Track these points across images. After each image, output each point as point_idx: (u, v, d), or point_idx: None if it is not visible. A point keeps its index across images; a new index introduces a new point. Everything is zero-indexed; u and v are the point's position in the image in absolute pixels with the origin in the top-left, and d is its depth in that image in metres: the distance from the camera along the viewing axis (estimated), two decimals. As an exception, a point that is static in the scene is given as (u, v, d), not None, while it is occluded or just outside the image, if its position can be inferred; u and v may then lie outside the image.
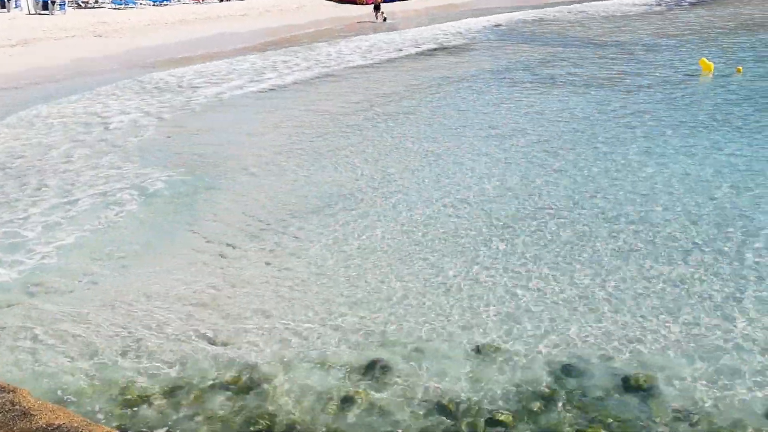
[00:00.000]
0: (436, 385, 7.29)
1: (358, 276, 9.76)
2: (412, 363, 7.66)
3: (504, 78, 25.47)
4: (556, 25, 43.46)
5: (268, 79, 25.72)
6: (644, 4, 56.50)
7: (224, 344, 8.09)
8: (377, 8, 46.83)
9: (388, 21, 45.99)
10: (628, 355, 7.77)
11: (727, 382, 7.24)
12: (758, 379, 7.29)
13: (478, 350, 7.90)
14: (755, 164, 14.37)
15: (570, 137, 16.81)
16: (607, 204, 12.31)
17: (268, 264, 10.21)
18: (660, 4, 56.29)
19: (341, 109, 20.51)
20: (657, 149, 15.59)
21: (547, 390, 7.19)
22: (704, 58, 26.16)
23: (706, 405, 6.92)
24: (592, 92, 22.37)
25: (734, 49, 30.88)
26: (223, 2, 53.28)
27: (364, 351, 7.92)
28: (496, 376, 7.43)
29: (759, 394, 7.04)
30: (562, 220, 11.67)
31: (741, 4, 52.71)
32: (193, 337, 8.23)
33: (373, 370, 7.54)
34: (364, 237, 11.11)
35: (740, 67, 25.27)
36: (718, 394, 7.06)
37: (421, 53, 32.47)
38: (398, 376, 7.43)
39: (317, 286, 9.50)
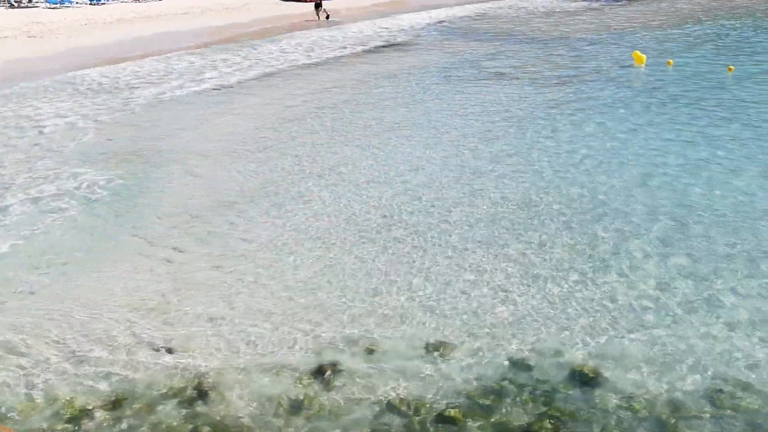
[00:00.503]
0: (388, 385, 7.27)
1: (308, 277, 9.66)
2: (363, 363, 7.62)
3: (449, 74, 25.62)
4: (498, 21, 44.04)
5: (210, 78, 25.30)
6: (582, 0, 57.72)
7: (171, 352, 7.89)
8: (318, 6, 46.42)
9: (331, 19, 45.79)
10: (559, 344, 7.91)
11: (664, 368, 7.44)
12: (694, 361, 7.52)
13: (429, 348, 7.92)
14: (672, 146, 15.05)
15: (503, 128, 17.01)
16: (543, 187, 12.49)
17: (215, 267, 10.01)
18: (598, 0, 57.58)
19: (285, 108, 20.31)
20: (582, 135, 15.98)
21: (497, 385, 7.25)
22: (637, 51, 26.97)
23: (649, 391, 7.09)
24: (533, 85, 22.69)
25: (667, 42, 31.83)
26: (163, 0, 52.16)
27: (316, 354, 7.85)
28: (445, 373, 7.46)
29: (698, 377, 7.26)
30: (497, 210, 11.75)
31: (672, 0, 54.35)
32: (139, 346, 8.00)
33: (324, 373, 7.47)
34: (312, 236, 11.01)
35: (671, 60, 26.07)
36: (658, 380, 7.25)
37: (366, 51, 32.43)
38: (350, 378, 7.38)
39: (265, 288, 9.37)
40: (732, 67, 24.26)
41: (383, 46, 33.46)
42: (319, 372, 7.48)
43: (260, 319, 8.57)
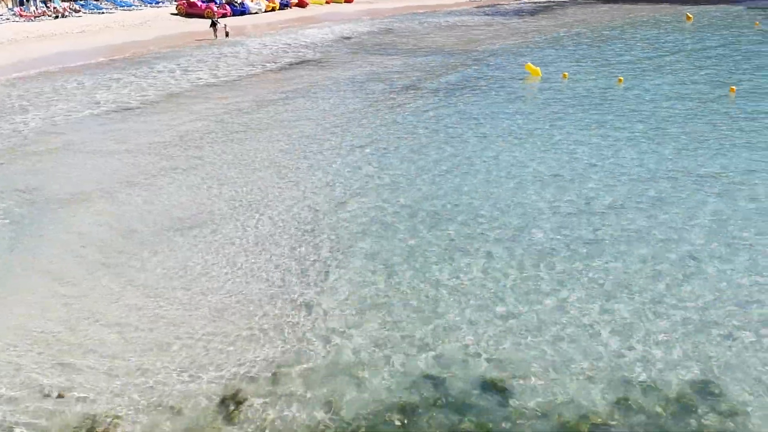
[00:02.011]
0: (290, 412, 7.17)
1: (213, 309, 9.42)
2: (264, 395, 7.48)
3: (359, 89, 25.78)
4: (405, 36, 44.68)
5: (106, 101, 24.36)
6: (485, 14, 59.50)
7: (63, 393, 7.49)
8: (214, 25, 45.09)
9: (233, 36, 45.03)
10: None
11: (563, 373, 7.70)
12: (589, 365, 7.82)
13: (340, 369, 7.89)
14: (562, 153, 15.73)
15: (400, 137, 17.32)
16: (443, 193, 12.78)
17: (114, 302, 9.61)
18: (504, 14, 59.49)
19: (187, 131, 19.82)
20: (476, 145, 16.52)
21: (406, 401, 7.29)
22: (530, 63, 28.06)
23: (557, 398, 7.31)
24: (440, 98, 23.19)
25: (563, 55, 33.26)
26: (58, 19, 50.04)
27: (219, 386, 7.65)
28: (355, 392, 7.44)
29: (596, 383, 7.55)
30: (390, 221, 11.93)
31: (566, 15, 56.85)
32: (29, 388, 7.56)
33: (228, 406, 7.29)
34: (214, 263, 10.77)
35: (566, 73, 27.26)
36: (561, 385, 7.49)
37: (279, 68, 32.15)
38: (252, 408, 7.23)
39: (165, 323, 9.06)
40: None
41: (296, 63, 33.32)
42: (222, 405, 7.30)
43: (159, 355, 8.28)
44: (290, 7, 60.73)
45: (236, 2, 56.44)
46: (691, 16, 45.39)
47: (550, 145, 17.18)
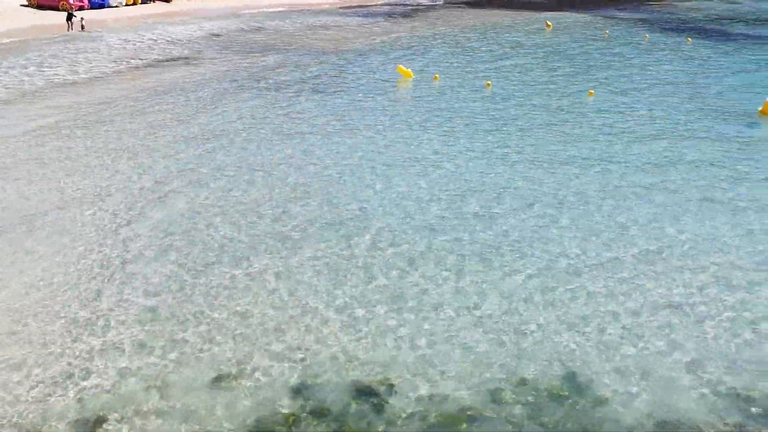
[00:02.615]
0: (173, 426, 6.92)
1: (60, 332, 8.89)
2: (129, 419, 7.18)
3: (234, 86, 25.18)
4: (276, 35, 44.14)
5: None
6: (357, 16, 59.95)
7: None
8: (70, 18, 42.49)
9: (94, 30, 42.57)
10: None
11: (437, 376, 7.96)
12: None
13: (217, 380, 7.71)
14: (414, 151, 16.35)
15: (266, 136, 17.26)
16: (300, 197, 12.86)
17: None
18: (375, 16, 60.18)
19: (40, 130, 18.53)
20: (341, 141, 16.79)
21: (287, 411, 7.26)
22: (401, 66, 28.60)
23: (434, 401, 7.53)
24: (310, 96, 23.17)
25: (436, 57, 34.24)
26: None
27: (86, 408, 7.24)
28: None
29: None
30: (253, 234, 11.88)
31: (437, 18, 58.53)
32: None
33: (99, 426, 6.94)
34: (74, 272, 10.16)
35: (437, 75, 28.08)
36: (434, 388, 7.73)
37: (141, 65, 30.69)
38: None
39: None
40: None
41: (163, 60, 31.94)
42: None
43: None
44: (153, 2, 58.18)
45: (95, -6, 53.31)
46: (550, 24, 48.03)
47: (404, 144, 17.75)
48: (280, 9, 61.43)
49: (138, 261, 10.80)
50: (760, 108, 22.54)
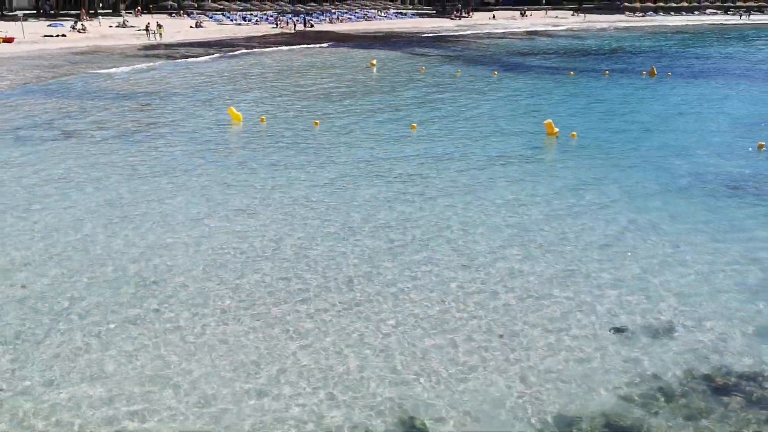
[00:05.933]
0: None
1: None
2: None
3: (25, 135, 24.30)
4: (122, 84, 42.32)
5: None
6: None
7: None
8: None
9: None
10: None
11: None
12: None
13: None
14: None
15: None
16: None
17: None
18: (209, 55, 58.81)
19: None
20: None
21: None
22: (232, 108, 29.00)
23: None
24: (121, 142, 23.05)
25: (259, 98, 34.87)
26: None
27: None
28: None
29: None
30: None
31: (269, 58, 58.91)
32: None
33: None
34: None
35: (264, 117, 28.66)
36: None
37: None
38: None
39: None
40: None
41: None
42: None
43: None
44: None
45: None
46: (374, 62, 49.70)
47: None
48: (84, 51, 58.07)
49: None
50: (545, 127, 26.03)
